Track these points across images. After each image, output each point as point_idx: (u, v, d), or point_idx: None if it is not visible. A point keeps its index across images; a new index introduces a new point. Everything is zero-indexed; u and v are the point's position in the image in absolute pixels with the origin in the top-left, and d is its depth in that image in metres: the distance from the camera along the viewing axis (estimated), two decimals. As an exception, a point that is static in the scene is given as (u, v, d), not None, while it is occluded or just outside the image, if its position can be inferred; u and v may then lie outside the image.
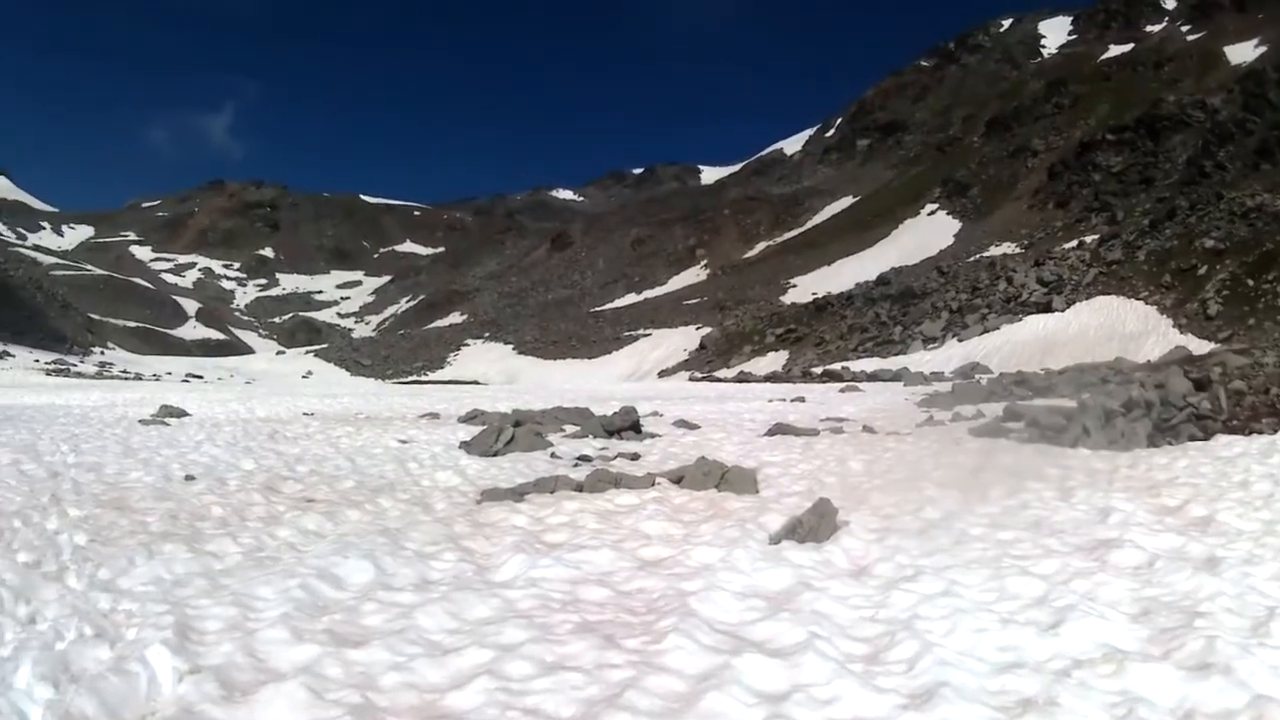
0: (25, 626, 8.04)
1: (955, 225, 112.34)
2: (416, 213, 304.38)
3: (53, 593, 8.93)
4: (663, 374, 77.55)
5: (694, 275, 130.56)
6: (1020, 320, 64.82)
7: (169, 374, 72.48)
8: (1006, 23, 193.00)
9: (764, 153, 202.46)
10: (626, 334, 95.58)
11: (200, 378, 71.11)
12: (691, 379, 67.94)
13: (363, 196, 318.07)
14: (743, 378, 62.95)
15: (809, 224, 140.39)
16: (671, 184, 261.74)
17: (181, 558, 10.29)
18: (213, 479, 16.09)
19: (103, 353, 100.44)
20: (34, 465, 17.57)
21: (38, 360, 66.36)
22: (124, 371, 69.40)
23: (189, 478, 16.20)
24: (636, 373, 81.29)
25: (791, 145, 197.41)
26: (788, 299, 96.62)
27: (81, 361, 75.94)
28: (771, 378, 60.09)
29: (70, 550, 10.71)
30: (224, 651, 7.33)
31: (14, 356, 64.69)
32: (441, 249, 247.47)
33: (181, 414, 29.53)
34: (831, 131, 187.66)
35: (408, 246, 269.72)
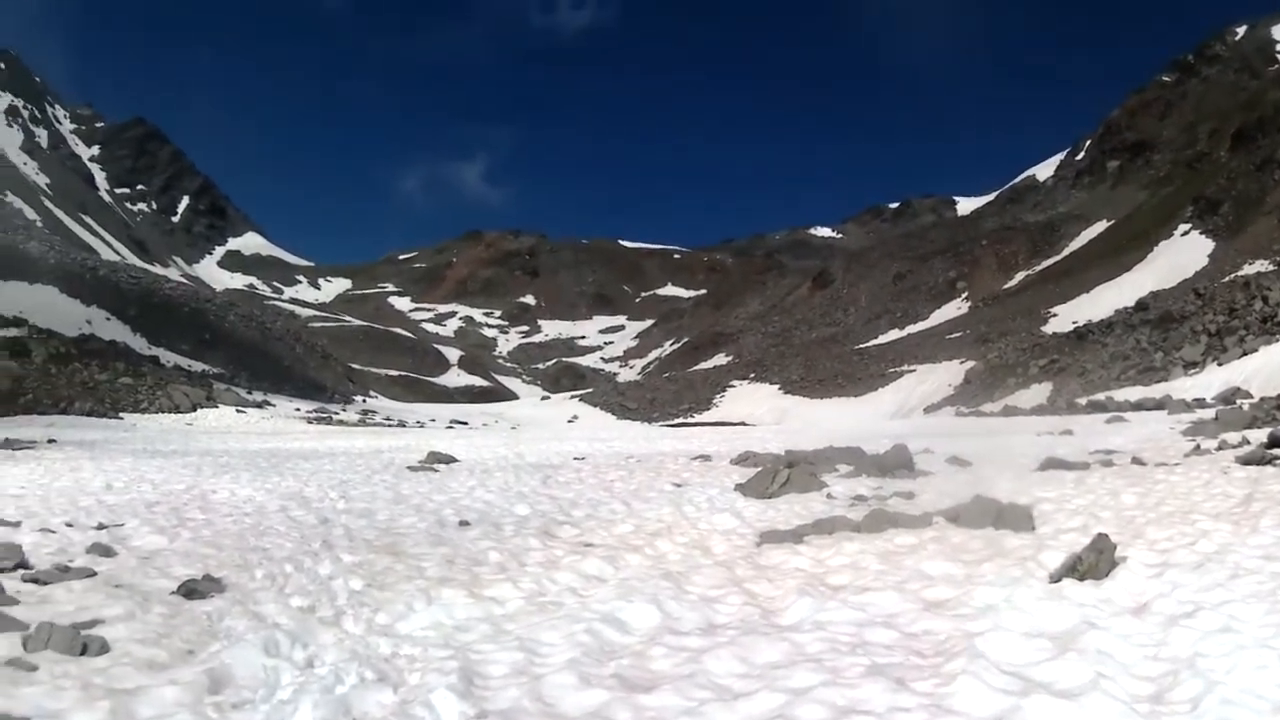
0: (303, 670, 8.33)
1: (1209, 244, 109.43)
2: (677, 256, 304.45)
3: (330, 637, 9.21)
4: (928, 410, 76.52)
5: (955, 308, 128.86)
6: (1278, 340, 62.92)
7: (433, 421, 72.97)
8: (1241, 30, 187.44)
9: (1017, 180, 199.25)
10: (891, 370, 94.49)
11: (465, 424, 71.49)
12: (958, 414, 66.88)
13: (621, 242, 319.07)
14: (1008, 411, 61.99)
15: (1066, 251, 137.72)
16: (928, 216, 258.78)
17: (462, 602, 10.54)
18: (488, 524, 16.32)
19: (364, 401, 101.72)
20: (303, 511, 18.03)
21: (299, 409, 67.26)
22: (387, 419, 70.08)
23: (463, 523, 16.49)
24: (902, 409, 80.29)
25: (1044, 171, 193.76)
26: (1049, 329, 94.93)
27: (344, 410, 76.80)
28: (1037, 410, 59.02)
29: (346, 595, 11.01)
30: (510, 696, 7.54)
31: (274, 406, 65.66)
32: (703, 291, 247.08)
33: (450, 460, 29.51)
34: (1081, 155, 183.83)
35: (669, 290, 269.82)
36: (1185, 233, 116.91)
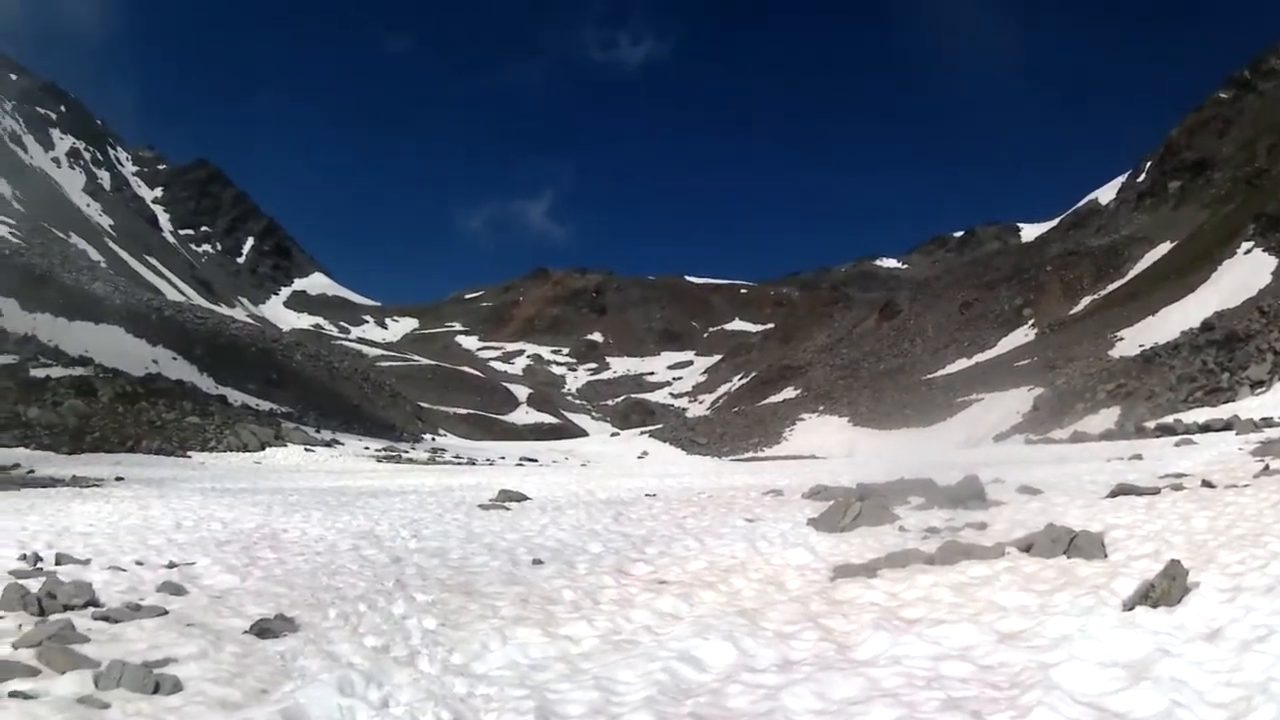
0: (378, 710, 8.32)
1: (1272, 262, 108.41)
2: (743, 290, 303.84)
3: (405, 677, 9.21)
4: (998, 438, 76.07)
5: (1022, 335, 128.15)
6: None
7: (503, 458, 72.87)
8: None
9: (1080, 205, 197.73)
10: (959, 400, 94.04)
11: (535, 461, 71.35)
12: (1027, 442, 66.48)
13: (687, 277, 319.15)
14: (1077, 437, 61.52)
15: (1130, 274, 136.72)
16: (993, 244, 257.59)
17: (537, 642, 10.54)
18: (561, 562, 16.26)
19: (434, 439, 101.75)
20: (375, 551, 18.02)
21: (368, 447, 67.27)
22: (456, 457, 70.05)
23: (537, 561, 16.44)
24: (971, 439, 79.85)
25: (1106, 194, 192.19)
26: (1115, 353, 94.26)
27: (413, 448, 76.77)
28: (1106, 436, 58.55)
29: (420, 634, 11.01)
30: (587, 735, 7.57)
31: (343, 444, 65.69)
32: (771, 325, 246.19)
33: (521, 498, 29.22)
34: (1142, 176, 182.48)
35: (737, 324, 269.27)
36: (1248, 250, 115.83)
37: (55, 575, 13.83)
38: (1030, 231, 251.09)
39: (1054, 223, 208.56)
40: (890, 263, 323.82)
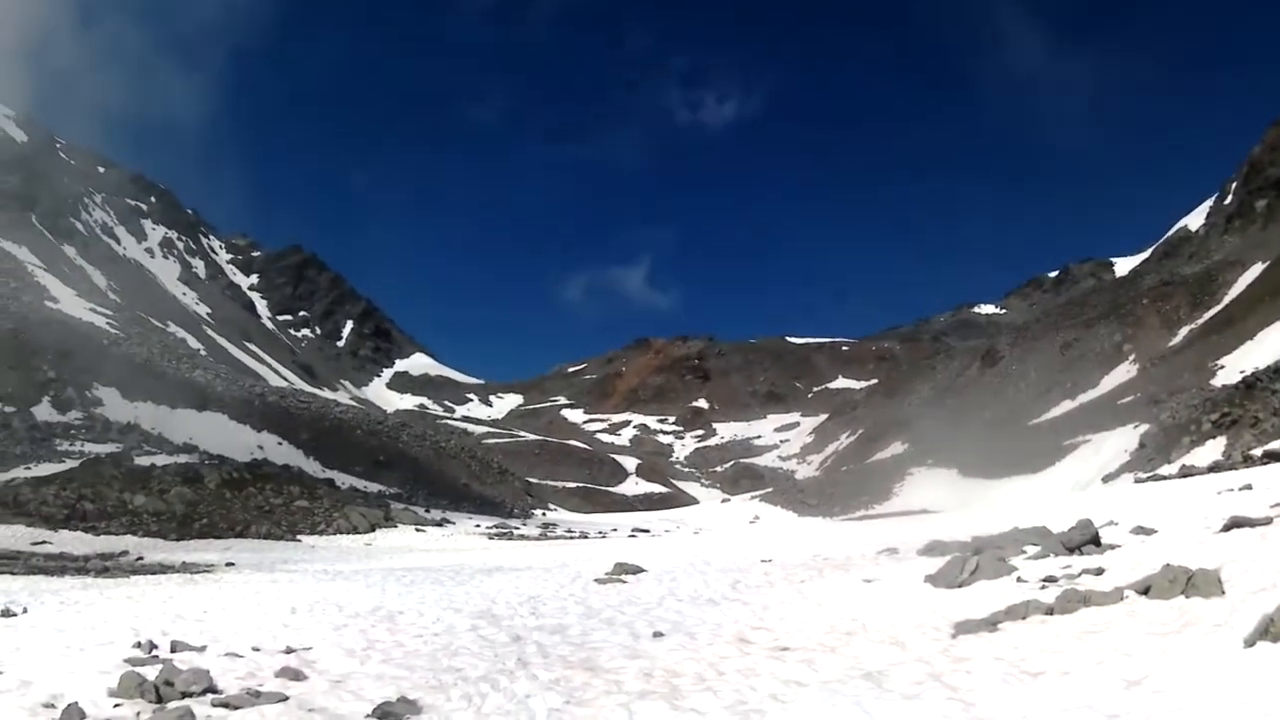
0: None
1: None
2: (845, 348, 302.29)
3: None
4: (1106, 479, 75.07)
5: (1124, 372, 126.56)
6: None
7: (614, 530, 72.64)
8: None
9: (1170, 233, 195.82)
10: (1067, 443, 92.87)
11: (647, 531, 71.08)
12: (1136, 480, 65.75)
13: (788, 338, 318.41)
14: (1185, 471, 60.69)
15: (1225, 299, 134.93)
16: (1088, 281, 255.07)
17: (663, 716, 10.45)
18: (682, 634, 16.18)
19: (544, 514, 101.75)
20: (494, 629, 17.94)
21: (479, 525, 67.20)
22: (568, 531, 69.89)
23: (657, 634, 16.32)
24: (1081, 481, 78.80)
25: (1195, 220, 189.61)
26: (1217, 381, 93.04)
27: (524, 524, 76.77)
28: (1214, 468, 57.67)
29: (545, 713, 10.91)
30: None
31: (454, 523, 65.66)
32: (874, 380, 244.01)
33: (637, 569, 28.92)
34: (1229, 198, 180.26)
35: (840, 382, 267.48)
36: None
37: (172, 662, 13.86)
38: (1124, 265, 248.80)
39: (1146, 254, 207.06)
40: (988, 308, 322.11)
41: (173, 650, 15.48)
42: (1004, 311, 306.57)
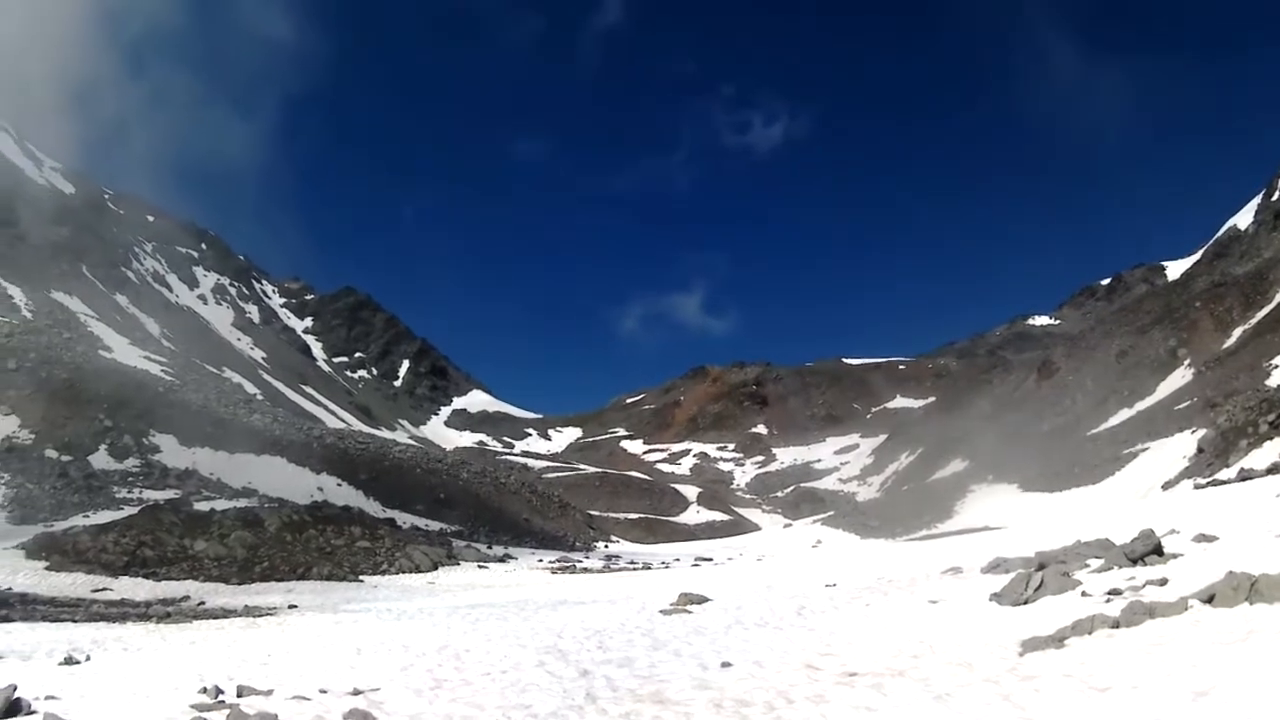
0: None
1: None
2: (901, 366, 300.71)
3: None
4: (1166, 486, 74.47)
5: (1180, 377, 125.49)
6: None
7: (677, 560, 72.42)
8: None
9: (1220, 233, 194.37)
10: (1125, 452, 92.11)
11: (711, 560, 70.76)
12: (1195, 487, 65.31)
13: (845, 360, 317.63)
14: (1245, 475, 60.09)
15: (1277, 297, 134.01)
16: (1140, 288, 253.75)
17: (735, 747, 10.41)
18: (750, 662, 16.12)
19: (606, 546, 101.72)
20: (561, 664, 17.83)
21: (541, 560, 67.14)
22: (632, 562, 69.72)
23: (725, 664, 16.25)
24: (1140, 490, 78.49)
25: (1244, 218, 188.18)
26: (1272, 381, 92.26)
27: (586, 557, 76.60)
28: (1273, 469, 57.22)
29: (616, 747, 10.89)
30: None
31: (516, 559, 65.61)
32: (932, 398, 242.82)
33: (702, 599, 28.89)
34: (1276, 194, 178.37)
35: (898, 402, 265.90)
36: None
37: (239, 707, 13.88)
38: (1175, 268, 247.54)
39: (1197, 256, 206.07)
40: (1042, 320, 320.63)
41: (239, 695, 15.50)
42: (1058, 322, 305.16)
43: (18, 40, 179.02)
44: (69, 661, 19.64)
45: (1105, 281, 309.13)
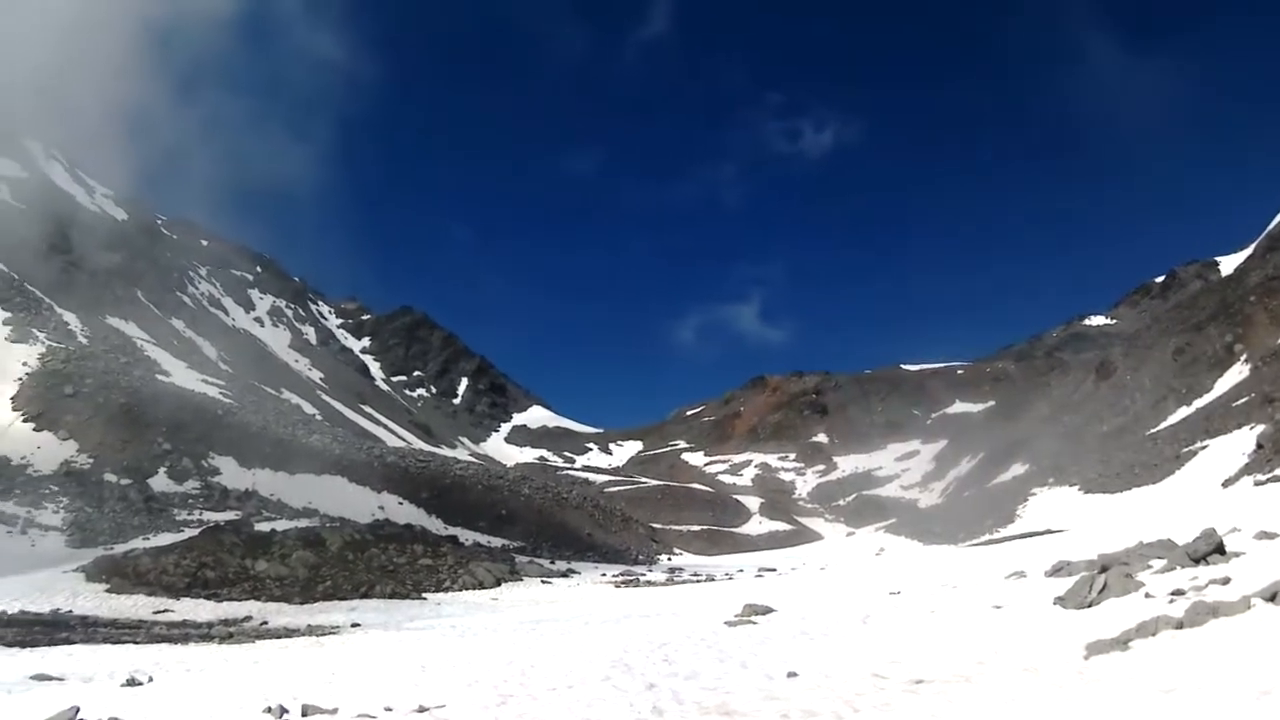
0: None
1: None
2: (960, 371, 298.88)
3: None
4: (1226, 484, 74.02)
5: (1237, 373, 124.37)
6: None
7: (741, 571, 72.23)
8: None
9: (1271, 225, 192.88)
10: (1185, 450, 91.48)
11: (774, 571, 70.64)
12: (1255, 484, 64.94)
13: (903, 366, 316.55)
14: (1304, 469, 59.91)
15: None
16: (1194, 284, 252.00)
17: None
18: (816, 672, 16.03)
19: (669, 559, 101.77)
20: (626, 678, 17.78)
21: (604, 574, 67.07)
22: (695, 574, 69.56)
23: (791, 674, 16.14)
24: (1200, 488, 78.15)
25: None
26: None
27: (649, 570, 76.52)
28: (1330, 462, 56.95)
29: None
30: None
31: (579, 573, 65.58)
32: (991, 402, 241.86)
33: (766, 610, 28.61)
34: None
35: (958, 407, 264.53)
36: None
37: (305, 726, 13.91)
38: (1229, 263, 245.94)
39: (1250, 250, 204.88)
40: (1099, 320, 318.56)
41: (304, 714, 15.61)
42: (1114, 321, 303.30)
43: (70, 69, 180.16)
44: (131, 683, 19.77)
45: (1159, 279, 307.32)
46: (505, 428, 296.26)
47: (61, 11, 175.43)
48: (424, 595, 52.15)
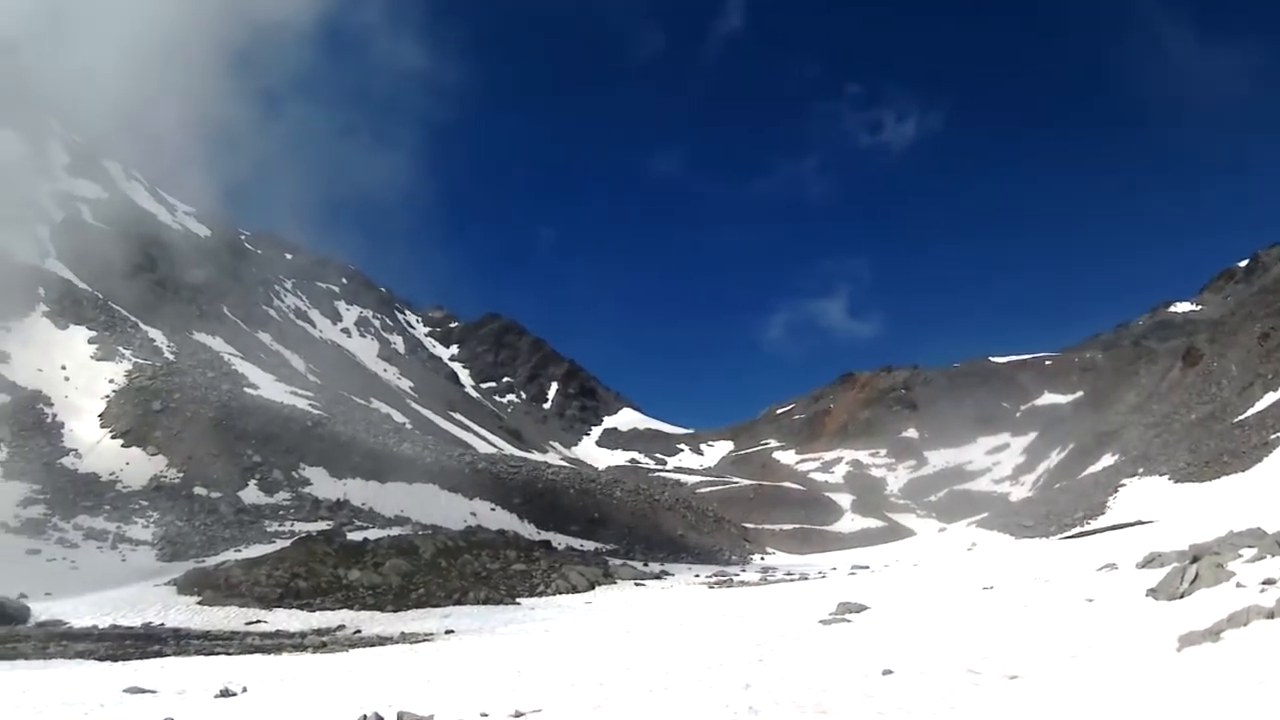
0: None
1: None
2: (1048, 362, 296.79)
3: None
4: (1315, 469, 73.63)
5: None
6: None
7: (834, 569, 71.94)
8: None
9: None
10: (1274, 437, 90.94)
11: (867, 568, 70.49)
12: (1345, 467, 64.33)
13: (991, 358, 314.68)
14: (1392, 451, 59.24)
15: None
16: (1276, 267, 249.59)
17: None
18: (911, 669, 16.06)
19: (762, 558, 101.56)
20: (723, 677, 17.73)
21: (698, 575, 67.03)
22: (788, 574, 69.26)
23: (886, 671, 16.16)
24: (1290, 475, 77.30)
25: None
26: None
27: (742, 570, 76.28)
28: None
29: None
30: None
31: (673, 575, 65.50)
32: (1080, 393, 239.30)
33: (860, 607, 28.78)
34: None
35: (1046, 399, 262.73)
36: None
37: (402, 733, 14.02)
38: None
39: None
40: (1185, 306, 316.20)
41: (400, 720, 15.66)
42: (1200, 307, 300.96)
43: (149, 89, 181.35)
44: (225, 694, 19.92)
45: (1243, 263, 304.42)
46: (596, 431, 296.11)
47: (139, 33, 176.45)
48: (518, 600, 52.20)
